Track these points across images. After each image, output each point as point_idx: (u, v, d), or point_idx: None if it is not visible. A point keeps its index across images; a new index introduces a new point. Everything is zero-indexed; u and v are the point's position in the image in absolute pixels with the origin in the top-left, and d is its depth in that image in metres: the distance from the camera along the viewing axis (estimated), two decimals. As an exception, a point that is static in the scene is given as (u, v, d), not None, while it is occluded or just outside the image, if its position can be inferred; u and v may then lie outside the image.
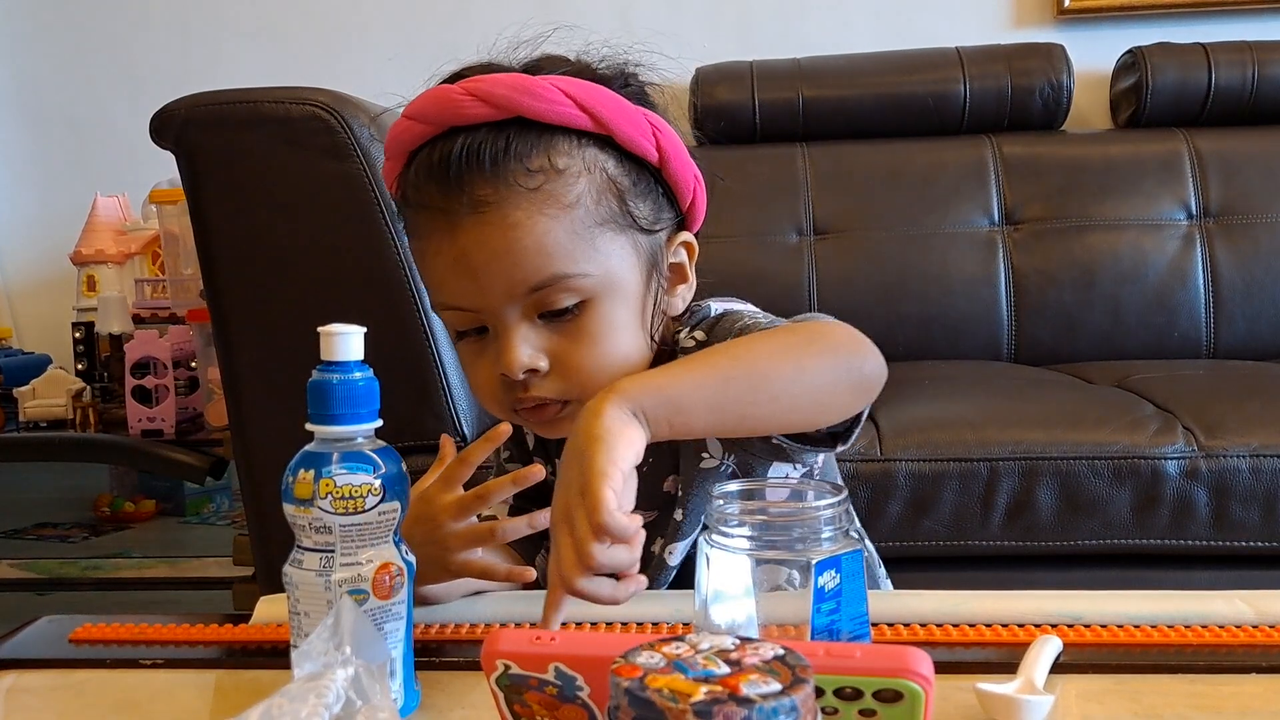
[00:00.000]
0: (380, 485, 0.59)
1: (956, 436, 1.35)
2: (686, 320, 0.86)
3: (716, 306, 0.86)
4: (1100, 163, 2.07)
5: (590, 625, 0.74)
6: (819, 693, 0.47)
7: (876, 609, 0.65)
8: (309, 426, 0.60)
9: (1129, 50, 2.16)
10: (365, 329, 0.61)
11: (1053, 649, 0.65)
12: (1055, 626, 0.70)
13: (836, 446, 0.78)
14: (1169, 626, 0.71)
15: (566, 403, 0.79)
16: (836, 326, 0.76)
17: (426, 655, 0.69)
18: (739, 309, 0.86)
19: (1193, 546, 1.32)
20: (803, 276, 2.02)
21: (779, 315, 0.85)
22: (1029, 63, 2.11)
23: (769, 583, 0.58)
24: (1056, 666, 0.64)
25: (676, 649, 0.41)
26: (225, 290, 1.33)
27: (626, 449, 0.62)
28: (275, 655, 0.71)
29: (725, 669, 0.40)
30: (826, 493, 0.61)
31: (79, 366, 2.37)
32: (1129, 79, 2.15)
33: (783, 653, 0.41)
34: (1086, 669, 0.65)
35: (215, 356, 1.41)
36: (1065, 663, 0.65)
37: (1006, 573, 1.35)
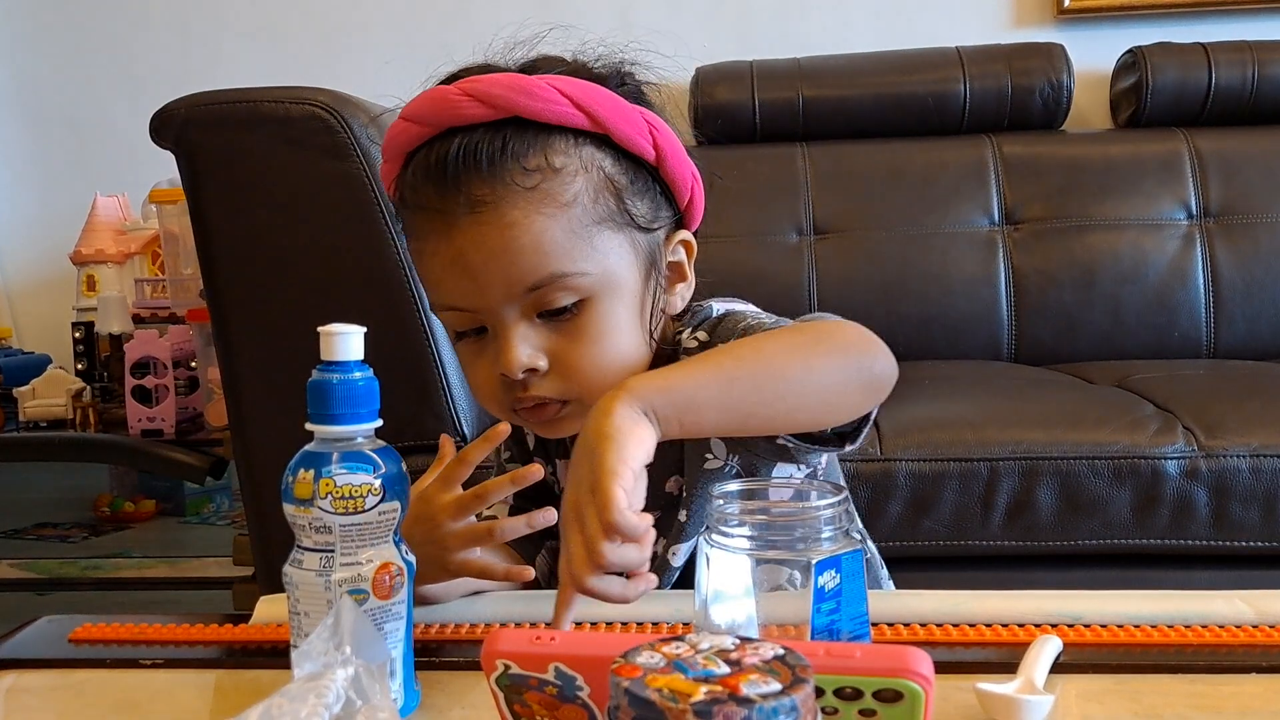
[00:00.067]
0: (380, 485, 0.59)
1: (957, 436, 1.35)
2: (688, 320, 0.86)
3: (718, 307, 0.86)
4: (1100, 162, 2.07)
5: (590, 625, 0.74)
6: (819, 692, 0.47)
7: (876, 609, 0.65)
8: (309, 426, 0.60)
9: (1129, 50, 2.16)
10: (365, 329, 0.61)
11: (1053, 649, 0.65)
12: (1055, 626, 0.70)
13: (845, 446, 0.78)
14: (1169, 626, 0.71)
15: (566, 402, 0.78)
16: (847, 326, 0.76)
17: (426, 655, 0.69)
18: (741, 310, 0.86)
19: (1193, 546, 1.32)
20: (803, 276, 2.02)
21: (779, 315, 0.86)
22: (1029, 62, 2.11)
23: (770, 583, 0.58)
24: (1056, 666, 0.64)
25: (676, 649, 0.41)
26: (225, 290, 1.33)
27: (637, 447, 0.62)
28: (275, 655, 0.71)
29: (725, 669, 0.40)
30: (827, 493, 0.61)
31: (79, 366, 2.37)
32: (1129, 79, 2.15)
33: (783, 653, 0.41)
34: (1086, 669, 0.65)
35: (215, 356, 1.41)
36: (1065, 663, 0.65)
37: (1006, 573, 1.35)
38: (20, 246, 2.71)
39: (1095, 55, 2.24)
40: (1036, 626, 0.71)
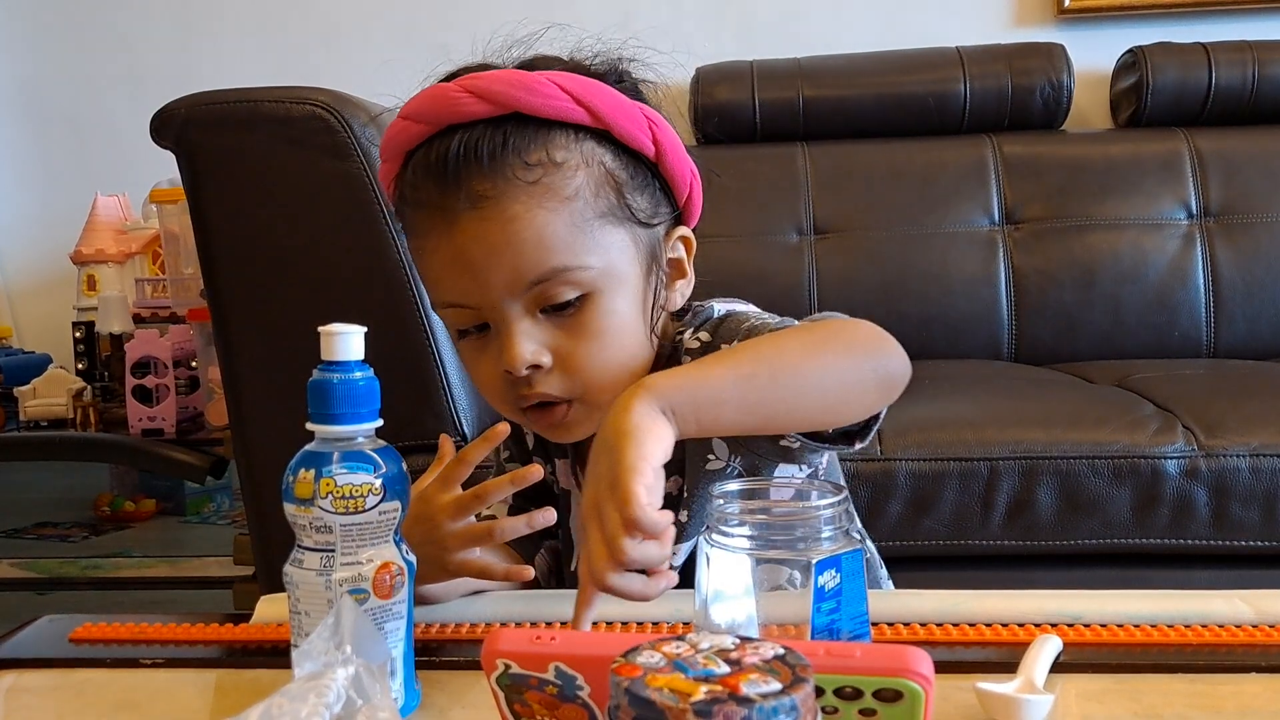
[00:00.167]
0: (381, 485, 0.59)
1: (957, 436, 1.35)
2: (689, 320, 0.85)
3: (719, 307, 0.86)
4: (1100, 162, 2.07)
5: (591, 624, 0.74)
6: (819, 692, 0.47)
7: (876, 608, 0.65)
8: (309, 426, 0.60)
9: (1129, 50, 2.16)
10: (365, 328, 0.61)
11: (1053, 648, 0.65)
12: (1055, 626, 0.70)
13: (853, 445, 0.78)
14: (1169, 626, 0.71)
15: (572, 403, 0.78)
16: (860, 324, 0.76)
17: (427, 654, 0.69)
18: (742, 310, 0.86)
19: (1192, 546, 1.32)
20: (803, 276, 2.02)
21: (779, 315, 0.85)
22: (1029, 62, 2.11)
23: (770, 582, 0.58)
24: (1056, 666, 0.64)
25: (676, 648, 0.41)
26: (225, 290, 1.33)
27: (656, 444, 0.62)
28: (276, 655, 0.71)
29: (725, 668, 0.40)
30: (827, 492, 0.61)
31: (79, 366, 2.37)
32: (1129, 78, 2.15)
33: (783, 652, 0.41)
34: (1086, 668, 0.66)
35: (216, 356, 1.41)
36: (1065, 662, 0.65)
37: (1006, 572, 1.35)
38: (21, 246, 2.71)
39: (1095, 55, 2.24)
40: (1036, 626, 0.71)
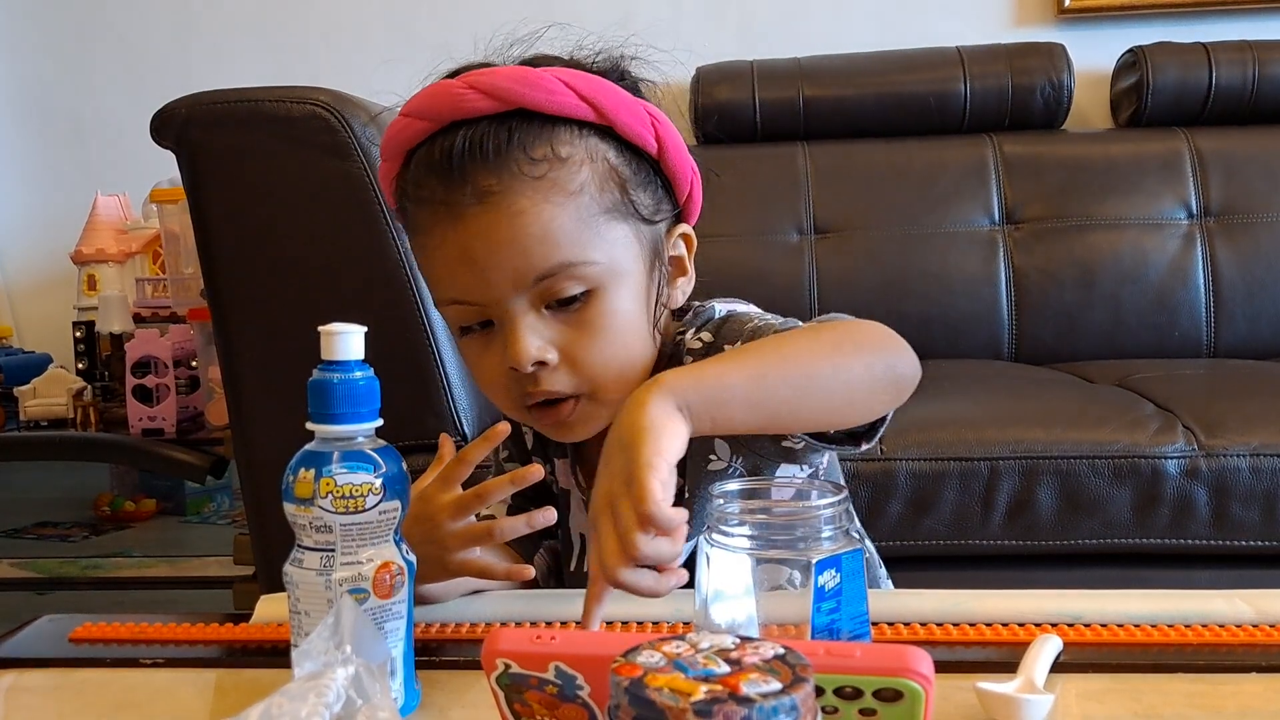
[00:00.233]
0: (381, 484, 0.59)
1: (957, 436, 1.35)
2: (691, 321, 0.85)
3: (721, 308, 0.86)
4: (1101, 162, 2.07)
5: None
6: (819, 692, 0.47)
7: (877, 608, 0.65)
8: (309, 425, 0.60)
9: (1129, 49, 2.16)
10: (365, 328, 0.61)
11: (1053, 648, 0.65)
12: (1055, 626, 0.70)
13: (860, 446, 0.77)
14: (1169, 626, 0.71)
15: (578, 399, 0.78)
16: (872, 325, 0.76)
17: (427, 654, 0.69)
18: (744, 311, 0.86)
19: (1193, 546, 1.32)
20: (803, 276, 2.02)
21: (780, 315, 0.86)
22: (1030, 62, 2.11)
23: (770, 582, 0.58)
24: (1056, 666, 0.64)
25: (676, 648, 0.41)
26: (226, 289, 1.33)
27: (672, 440, 0.61)
28: (275, 654, 0.71)
29: (725, 668, 0.40)
30: (827, 492, 0.61)
31: (80, 365, 2.37)
32: (1130, 78, 2.15)
33: (783, 652, 0.41)
34: (1086, 668, 0.65)
35: (216, 355, 1.41)
36: (1065, 662, 0.65)
37: (1007, 572, 1.35)
38: (21, 246, 2.71)
39: (1096, 55, 2.24)
40: (1036, 626, 0.71)
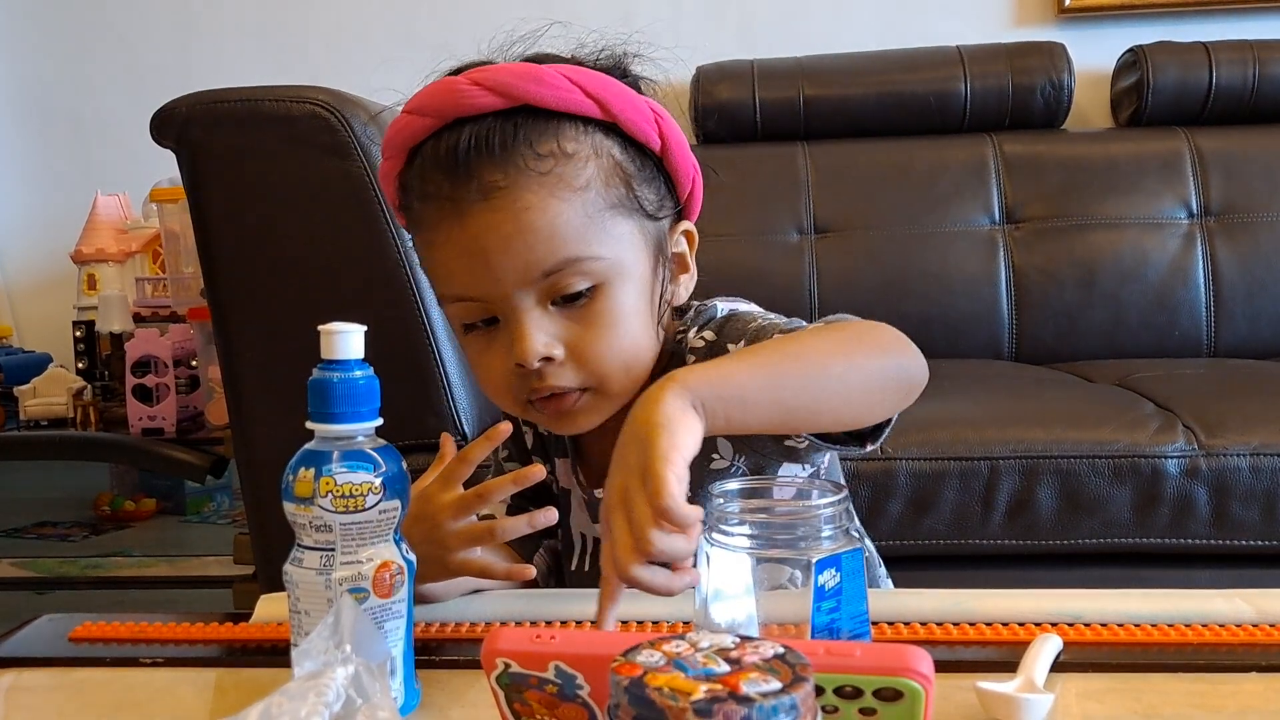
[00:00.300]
0: (380, 484, 0.59)
1: (957, 435, 1.35)
2: (693, 320, 0.85)
3: (723, 306, 0.86)
4: (1101, 161, 2.07)
5: (591, 624, 0.74)
6: (819, 691, 0.47)
7: (877, 608, 0.65)
8: (309, 425, 0.60)
9: (1130, 49, 2.16)
10: (365, 327, 0.61)
11: (1053, 648, 0.65)
12: (1055, 625, 0.70)
13: (864, 447, 0.77)
14: (1169, 625, 0.71)
15: (584, 391, 0.78)
16: (881, 327, 0.76)
17: (427, 654, 0.69)
18: (746, 310, 0.86)
19: (1193, 545, 1.32)
20: (804, 275, 2.02)
21: (780, 314, 0.86)
22: (1030, 61, 2.11)
23: (771, 582, 0.58)
24: (1057, 665, 0.64)
25: (676, 647, 0.41)
26: (226, 289, 1.33)
27: (688, 435, 0.61)
28: (275, 654, 0.71)
29: (725, 667, 0.40)
30: (827, 491, 0.61)
31: (80, 365, 2.37)
32: (1130, 78, 2.15)
33: (783, 651, 0.41)
34: (1087, 668, 0.65)
35: (216, 355, 1.41)
36: (1065, 661, 0.65)
37: (1007, 571, 1.35)
38: (21, 245, 2.71)
39: (1096, 54, 2.24)
40: (1037, 625, 0.71)
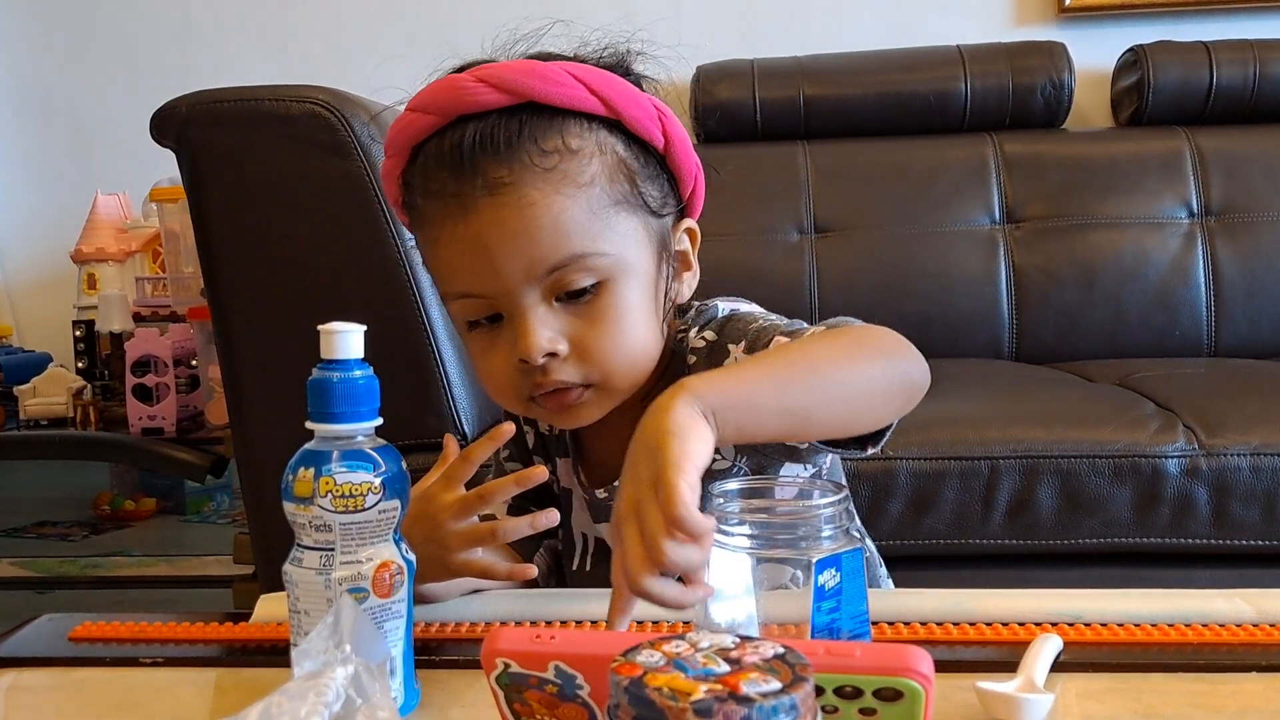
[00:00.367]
0: (380, 483, 0.59)
1: (957, 435, 1.35)
2: (695, 320, 0.85)
3: (724, 306, 0.86)
4: (1102, 161, 2.07)
5: (591, 624, 0.74)
6: (819, 691, 0.47)
7: (877, 607, 0.65)
8: (309, 425, 0.60)
9: (1130, 48, 2.16)
10: (365, 327, 0.61)
11: (1053, 648, 0.65)
12: (1055, 625, 0.70)
13: (867, 450, 0.77)
14: (1169, 625, 0.71)
15: (587, 387, 0.78)
16: (883, 331, 0.75)
17: (426, 654, 0.69)
18: (747, 310, 0.86)
19: (1193, 545, 1.32)
20: (804, 275, 2.02)
21: (781, 314, 0.85)
22: (1030, 61, 2.11)
23: (772, 583, 0.58)
24: (1057, 665, 0.64)
25: (676, 647, 0.41)
26: (226, 288, 1.33)
27: (700, 444, 0.60)
28: (275, 654, 0.71)
29: (725, 667, 0.40)
30: (827, 491, 0.61)
31: (79, 364, 2.37)
32: (1130, 77, 2.15)
33: (783, 651, 0.41)
34: (1087, 668, 0.65)
35: (216, 354, 1.41)
36: (1066, 661, 0.65)
37: (1007, 571, 1.35)
38: (21, 245, 2.71)
39: (1096, 54, 2.24)
40: (1037, 625, 0.71)
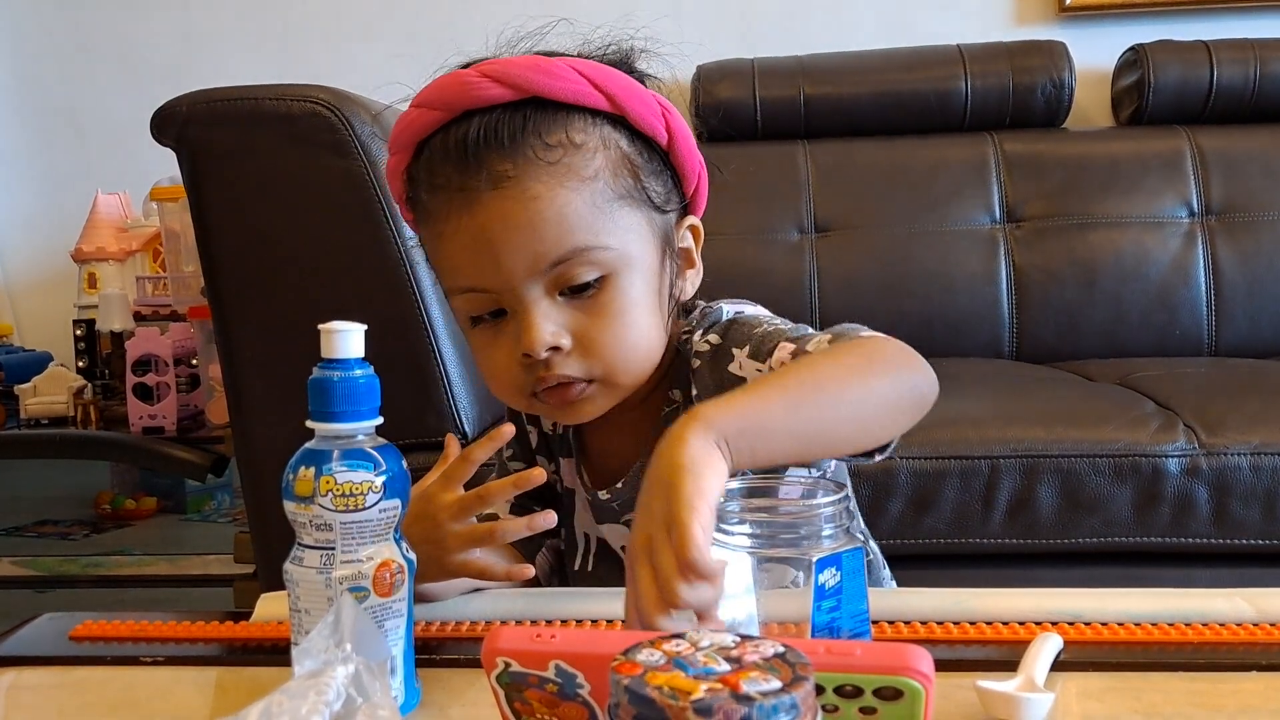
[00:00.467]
0: (381, 483, 0.59)
1: (958, 434, 1.35)
2: (698, 322, 0.85)
3: (728, 309, 0.86)
4: (1102, 160, 2.07)
5: (591, 623, 0.74)
6: (819, 690, 0.47)
7: (877, 606, 0.65)
8: (309, 424, 0.60)
9: (1131, 48, 2.16)
10: (366, 326, 0.61)
11: (1053, 647, 0.65)
12: (1056, 624, 0.70)
13: (874, 458, 0.76)
14: (1169, 624, 0.71)
15: (590, 381, 0.78)
16: (890, 343, 0.75)
17: (427, 653, 0.69)
18: (752, 313, 0.85)
19: (1193, 544, 1.32)
20: (804, 274, 2.02)
21: (781, 314, 0.85)
22: (1031, 60, 2.11)
23: (774, 583, 0.58)
24: (1057, 664, 0.64)
25: (677, 646, 0.41)
26: (226, 287, 1.33)
27: (713, 481, 0.60)
28: (276, 653, 0.71)
29: (725, 666, 0.40)
30: (827, 490, 0.61)
31: (80, 364, 2.37)
32: (1131, 76, 2.15)
33: (783, 650, 0.41)
34: (1087, 667, 0.65)
35: (216, 354, 1.41)
36: (1066, 660, 0.65)
37: (1007, 570, 1.35)
38: (22, 244, 2.71)
39: (1097, 53, 2.24)
40: (1037, 624, 0.71)
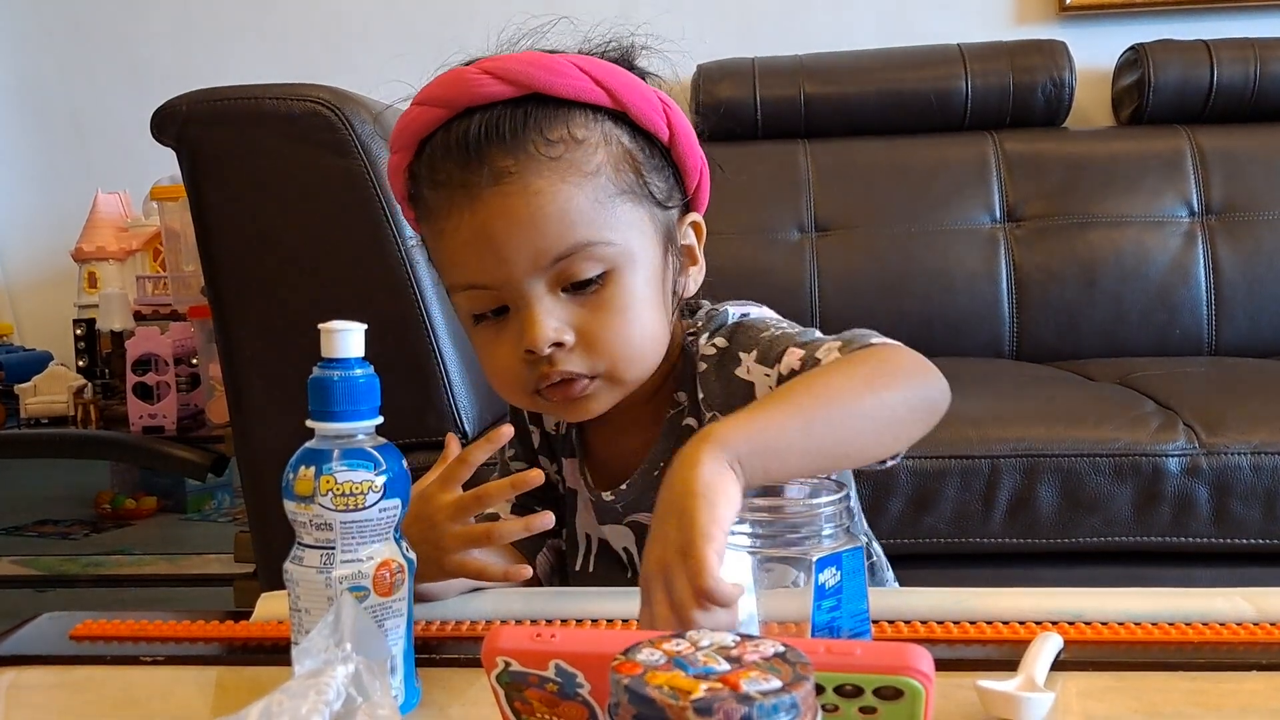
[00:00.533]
0: (381, 482, 0.59)
1: (958, 434, 1.35)
2: (704, 324, 0.85)
3: (734, 311, 0.86)
4: (1102, 159, 2.07)
5: (591, 622, 0.74)
6: (819, 690, 0.47)
7: (877, 606, 0.65)
8: (310, 423, 0.60)
9: (1131, 47, 2.16)
10: (366, 325, 0.61)
11: (1053, 646, 0.65)
12: (1056, 624, 0.70)
13: (885, 464, 0.76)
14: (1170, 624, 0.71)
15: (593, 378, 0.78)
16: (903, 353, 0.75)
17: (427, 652, 0.69)
18: (757, 316, 0.85)
19: (1193, 544, 1.32)
20: (804, 273, 2.02)
21: (782, 314, 0.85)
22: (1031, 59, 2.11)
23: (774, 582, 0.58)
24: (1057, 664, 0.64)
25: (677, 646, 0.41)
26: (226, 287, 1.33)
27: (727, 506, 0.59)
28: (276, 652, 0.71)
29: (725, 666, 0.40)
30: (827, 490, 0.61)
31: (80, 363, 2.37)
32: (1131, 76, 2.14)
33: (783, 650, 0.41)
34: (1087, 666, 0.65)
35: (216, 353, 1.41)
36: (1066, 660, 0.65)
37: (1007, 570, 1.35)
38: (22, 243, 2.71)
39: (1097, 52, 2.24)
40: (1037, 624, 0.71)
